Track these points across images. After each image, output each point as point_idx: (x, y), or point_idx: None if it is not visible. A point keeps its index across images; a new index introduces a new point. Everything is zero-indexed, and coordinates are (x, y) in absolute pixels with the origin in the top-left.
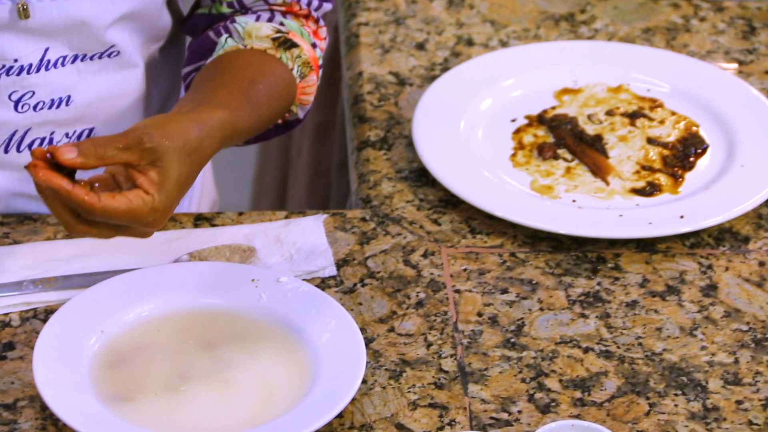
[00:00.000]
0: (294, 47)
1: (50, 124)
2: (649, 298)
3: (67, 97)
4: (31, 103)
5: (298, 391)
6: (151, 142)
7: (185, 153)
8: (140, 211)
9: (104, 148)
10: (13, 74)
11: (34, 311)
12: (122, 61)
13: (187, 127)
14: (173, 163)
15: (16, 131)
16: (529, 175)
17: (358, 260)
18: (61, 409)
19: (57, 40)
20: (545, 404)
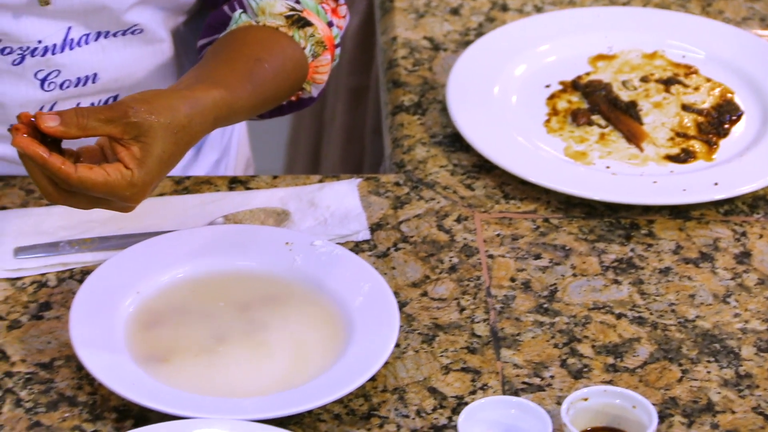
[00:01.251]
0: (308, 26)
1: (75, 98)
2: (683, 265)
3: (93, 75)
4: (57, 82)
5: (331, 354)
6: (135, 116)
7: (171, 130)
8: (117, 185)
9: (87, 119)
10: (37, 55)
11: (70, 272)
12: (147, 37)
13: (176, 104)
14: (157, 139)
15: (42, 108)
16: (563, 141)
17: (391, 224)
18: (96, 369)
19: (78, 21)
20: (578, 370)
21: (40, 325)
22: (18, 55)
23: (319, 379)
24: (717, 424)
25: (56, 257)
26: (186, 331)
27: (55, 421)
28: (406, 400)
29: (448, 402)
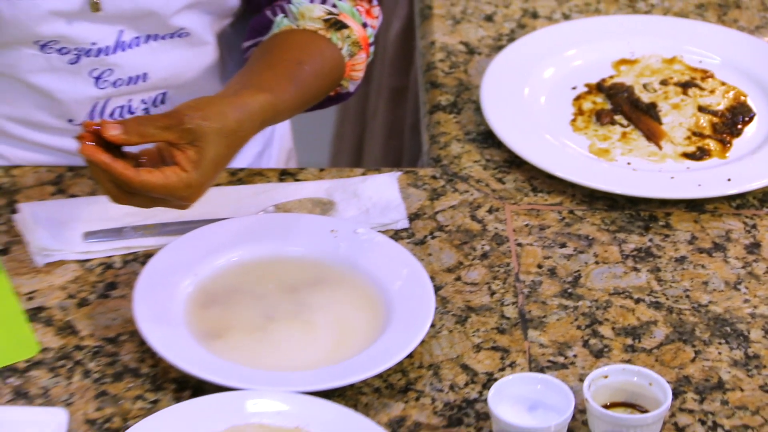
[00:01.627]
0: (344, 28)
1: (127, 94)
2: (697, 254)
3: (143, 75)
4: (110, 80)
5: (372, 333)
6: (190, 123)
7: (223, 134)
8: (175, 186)
9: (146, 127)
10: (92, 55)
11: (134, 255)
12: (193, 40)
13: (227, 110)
14: (211, 143)
15: (96, 103)
16: (588, 138)
17: (428, 214)
18: (158, 344)
19: (128, 25)
20: (599, 350)
21: (106, 303)
22: (74, 55)
23: (360, 355)
24: (727, 400)
25: (121, 241)
26: (239, 311)
27: (120, 390)
28: (441, 376)
29: (478, 378)
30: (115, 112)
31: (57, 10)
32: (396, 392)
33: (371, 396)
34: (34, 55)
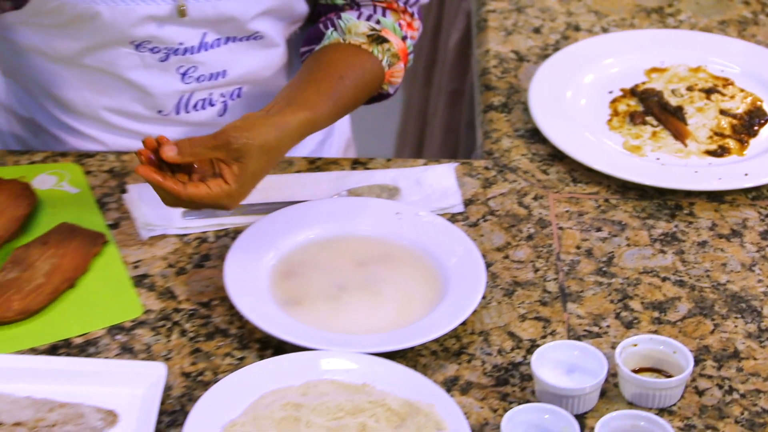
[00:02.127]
0: (385, 42)
1: (208, 89)
2: (717, 239)
3: (223, 72)
4: (194, 76)
5: (430, 303)
6: (236, 143)
7: (263, 151)
8: (218, 197)
9: (197, 148)
10: (179, 54)
11: (225, 231)
12: (265, 42)
13: (268, 130)
14: (252, 159)
15: (182, 96)
16: (622, 136)
17: (481, 200)
18: (245, 309)
19: (211, 28)
20: (629, 321)
21: (201, 272)
22: (164, 54)
23: (420, 322)
24: (741, 368)
25: (215, 219)
26: (315, 281)
27: (211, 348)
28: (490, 342)
29: (523, 344)
30: (198, 104)
31: (150, 15)
32: (450, 355)
33: (429, 358)
34: (130, 53)
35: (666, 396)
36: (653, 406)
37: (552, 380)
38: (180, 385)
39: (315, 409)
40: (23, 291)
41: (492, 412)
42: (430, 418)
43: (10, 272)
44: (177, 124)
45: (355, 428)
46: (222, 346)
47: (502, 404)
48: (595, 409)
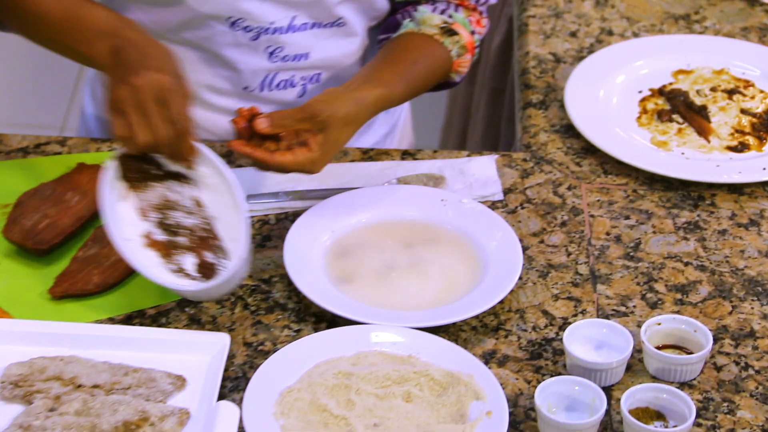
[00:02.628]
0: (455, 34)
1: (291, 70)
2: (736, 228)
3: (306, 54)
4: (280, 55)
5: (472, 282)
6: (321, 115)
7: (344, 123)
8: (304, 163)
9: (287, 120)
10: (269, 33)
11: (285, 214)
12: (347, 30)
13: (349, 104)
14: (335, 129)
15: (267, 75)
16: (650, 132)
17: (519, 189)
18: (302, 285)
19: (300, 11)
20: (654, 302)
21: (263, 251)
22: (255, 32)
23: (462, 300)
24: (757, 346)
25: (276, 203)
26: (366, 261)
27: (271, 321)
28: (525, 319)
29: (556, 321)
30: (281, 84)
31: None
32: (489, 330)
33: (469, 333)
34: (225, 31)
35: (687, 371)
36: (675, 380)
37: (582, 355)
38: (242, 354)
39: (364, 378)
40: (102, 266)
41: (526, 383)
42: (469, 387)
43: (91, 249)
44: (259, 101)
45: (400, 396)
46: (281, 319)
47: (536, 376)
48: (621, 382)
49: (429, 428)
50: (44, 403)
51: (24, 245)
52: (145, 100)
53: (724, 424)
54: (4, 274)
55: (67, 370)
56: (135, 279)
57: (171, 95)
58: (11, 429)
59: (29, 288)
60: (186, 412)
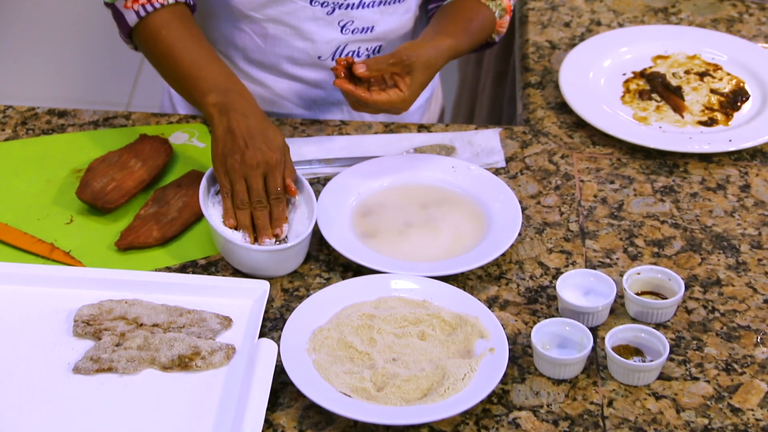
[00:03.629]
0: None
1: (358, 42)
2: (705, 191)
3: (371, 27)
4: (350, 29)
5: (477, 238)
6: (408, 59)
7: (426, 67)
8: (395, 101)
9: (381, 64)
10: (342, 9)
11: (318, 179)
12: (406, 6)
13: (429, 50)
14: (419, 72)
15: (339, 46)
16: (632, 109)
17: (519, 158)
18: (332, 240)
19: None
20: (634, 255)
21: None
22: (330, 7)
23: (469, 253)
24: (722, 292)
25: (309, 169)
26: (387, 219)
27: (305, 270)
28: (524, 269)
29: (550, 271)
30: (349, 54)
31: None
32: (492, 279)
33: (475, 281)
34: (305, 6)
35: (662, 314)
36: (652, 321)
37: (572, 300)
38: (280, 298)
39: (385, 319)
40: (161, 222)
41: (524, 324)
42: (475, 328)
43: (152, 208)
44: (330, 69)
45: (416, 335)
46: (313, 269)
47: (532, 318)
48: (605, 323)
49: (440, 362)
50: (111, 339)
51: (94, 204)
52: (254, 175)
53: (694, 359)
54: (77, 229)
55: (131, 311)
56: (188, 234)
57: (273, 171)
58: (83, 360)
59: (98, 241)
60: (232, 348)
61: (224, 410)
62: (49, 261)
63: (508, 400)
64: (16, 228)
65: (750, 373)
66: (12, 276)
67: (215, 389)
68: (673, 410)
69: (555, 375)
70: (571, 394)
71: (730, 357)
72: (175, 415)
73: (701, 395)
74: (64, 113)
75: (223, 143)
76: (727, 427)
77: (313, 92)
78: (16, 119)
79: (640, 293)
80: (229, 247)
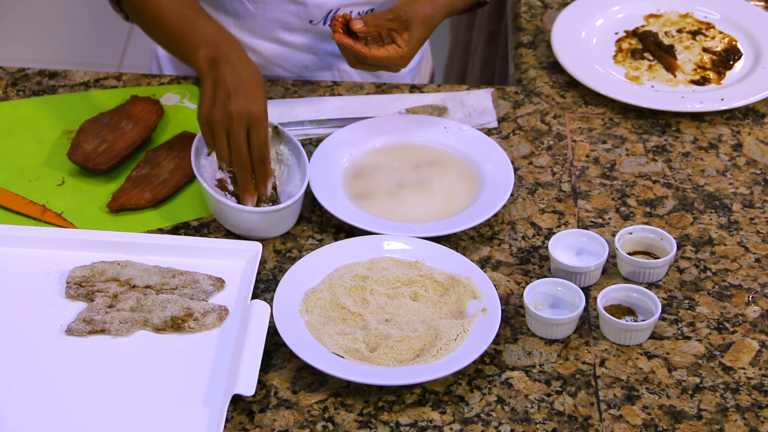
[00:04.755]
0: None
1: (350, 6)
2: (697, 151)
3: None
4: None
5: (470, 199)
6: (406, 15)
7: (424, 23)
8: (394, 57)
9: (379, 20)
10: None
11: (310, 140)
12: None
13: (426, 6)
14: (417, 28)
15: (331, 10)
16: (625, 68)
17: (511, 118)
18: (324, 200)
19: None
20: (626, 215)
21: None
22: None
23: (461, 214)
24: (714, 252)
25: (301, 130)
26: (379, 180)
27: (298, 231)
28: (516, 230)
29: (542, 232)
30: None
31: None
32: (485, 239)
33: (468, 241)
34: None
35: (654, 273)
36: (644, 281)
37: (564, 260)
38: (273, 260)
39: (377, 280)
40: (153, 184)
41: (516, 284)
42: (467, 288)
43: (143, 169)
44: (322, 34)
45: (408, 296)
46: (306, 230)
47: (525, 278)
48: (597, 283)
49: (433, 323)
50: (104, 301)
51: (85, 166)
52: (236, 128)
53: (685, 318)
54: (68, 191)
55: (123, 272)
56: (180, 195)
57: (257, 125)
58: (76, 322)
59: (90, 203)
60: (225, 309)
61: (217, 371)
62: (41, 222)
63: (501, 360)
64: (7, 189)
65: (741, 332)
66: (4, 238)
67: (208, 350)
68: (665, 369)
69: (547, 335)
70: (563, 354)
71: (721, 316)
72: (168, 377)
73: (693, 354)
74: (54, 74)
75: (208, 93)
76: (718, 385)
77: (305, 57)
78: (6, 80)
79: (632, 253)
80: (221, 208)
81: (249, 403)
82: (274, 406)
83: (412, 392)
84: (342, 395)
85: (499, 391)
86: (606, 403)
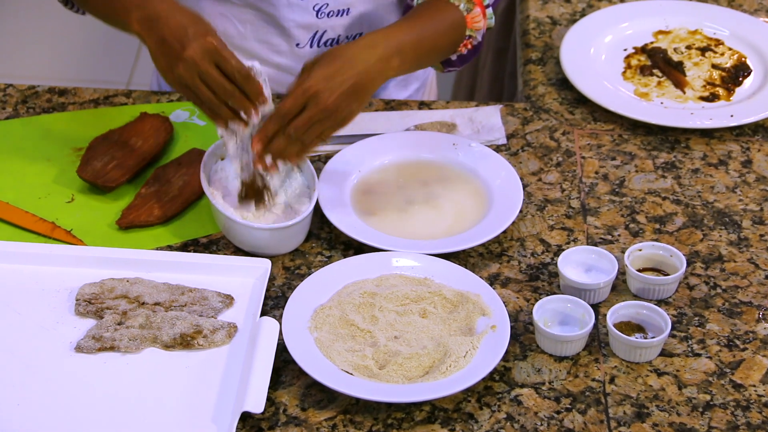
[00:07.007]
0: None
1: (337, 29)
2: (707, 167)
3: (347, 9)
4: (326, 12)
5: (479, 215)
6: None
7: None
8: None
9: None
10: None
11: (318, 156)
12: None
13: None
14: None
15: (316, 31)
16: (634, 85)
17: (520, 135)
18: (333, 218)
19: None
20: (636, 231)
21: None
22: None
23: (470, 231)
24: (724, 268)
25: None
26: (388, 196)
27: (306, 248)
28: (525, 246)
29: (551, 248)
30: (328, 42)
31: None
32: (494, 256)
33: (477, 258)
34: None
35: (664, 290)
36: (653, 298)
37: (574, 277)
38: (281, 277)
39: (386, 297)
40: (162, 201)
41: (525, 301)
42: (476, 305)
43: (152, 186)
44: (309, 57)
45: (417, 313)
46: (315, 247)
47: (534, 295)
48: (607, 300)
49: (442, 340)
50: (113, 318)
51: (95, 183)
52: (205, 68)
53: (695, 335)
54: (78, 208)
55: (133, 289)
56: (190, 212)
57: (221, 53)
58: (85, 339)
59: (99, 220)
60: (234, 326)
61: (226, 388)
62: (51, 240)
63: (510, 377)
64: (17, 207)
65: (752, 349)
66: (13, 255)
67: (217, 368)
68: (675, 387)
69: (557, 352)
70: (572, 371)
71: (731, 333)
72: (177, 394)
73: (703, 371)
74: (64, 91)
75: (160, 56)
76: (729, 403)
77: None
78: (16, 98)
79: (642, 270)
80: (230, 225)
81: (258, 420)
82: (283, 424)
83: (421, 409)
84: (351, 412)
85: (508, 409)
86: (616, 421)
